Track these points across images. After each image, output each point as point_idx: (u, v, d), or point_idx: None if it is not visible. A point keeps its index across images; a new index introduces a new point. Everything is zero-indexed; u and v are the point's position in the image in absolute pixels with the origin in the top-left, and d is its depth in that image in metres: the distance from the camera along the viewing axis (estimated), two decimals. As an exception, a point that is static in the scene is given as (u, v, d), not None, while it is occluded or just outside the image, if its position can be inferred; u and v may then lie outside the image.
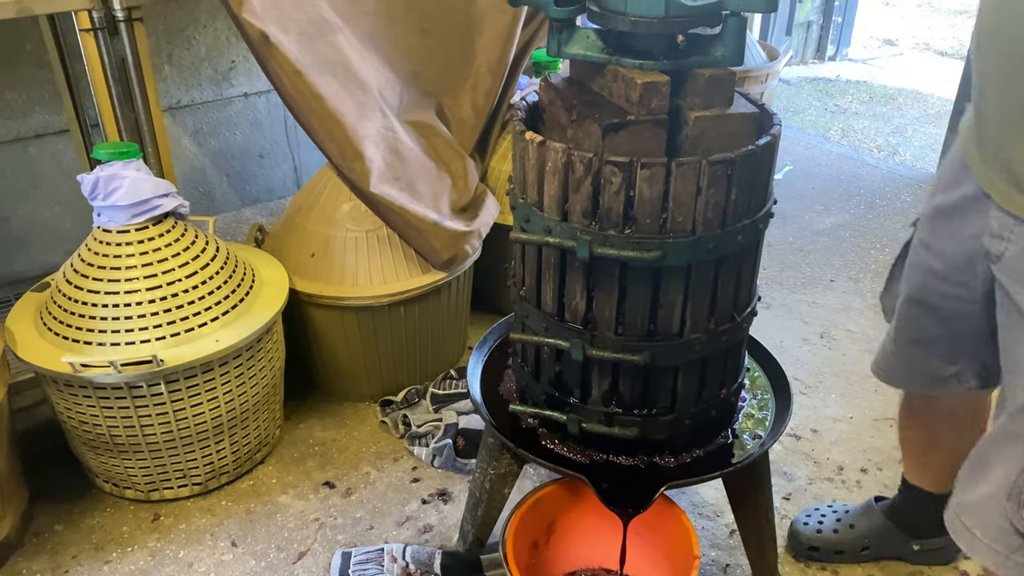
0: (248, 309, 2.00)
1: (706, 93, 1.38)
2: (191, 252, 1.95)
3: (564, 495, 1.69)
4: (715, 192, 1.33)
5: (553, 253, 1.43)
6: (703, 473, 1.54)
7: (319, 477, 2.14)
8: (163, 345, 1.84)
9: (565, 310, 1.47)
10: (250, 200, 3.36)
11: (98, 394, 1.83)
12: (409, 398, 2.37)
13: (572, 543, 1.74)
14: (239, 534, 1.96)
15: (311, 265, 2.22)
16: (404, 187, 2.21)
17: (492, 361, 1.83)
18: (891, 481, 2.13)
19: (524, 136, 1.40)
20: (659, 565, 1.68)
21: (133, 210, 1.87)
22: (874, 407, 2.42)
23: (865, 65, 6.30)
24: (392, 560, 1.85)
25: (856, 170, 4.12)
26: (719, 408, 1.59)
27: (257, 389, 2.04)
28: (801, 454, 2.23)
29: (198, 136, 3.11)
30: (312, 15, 2.11)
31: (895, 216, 3.64)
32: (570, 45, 1.44)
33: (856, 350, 2.70)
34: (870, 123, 4.87)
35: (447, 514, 2.02)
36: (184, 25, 2.93)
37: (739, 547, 1.91)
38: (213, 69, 3.06)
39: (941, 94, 5.43)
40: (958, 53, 6.60)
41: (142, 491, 2.02)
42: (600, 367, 1.48)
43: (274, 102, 3.27)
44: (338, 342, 2.28)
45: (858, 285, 3.09)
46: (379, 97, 2.23)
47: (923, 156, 4.35)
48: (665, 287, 1.39)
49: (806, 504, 2.05)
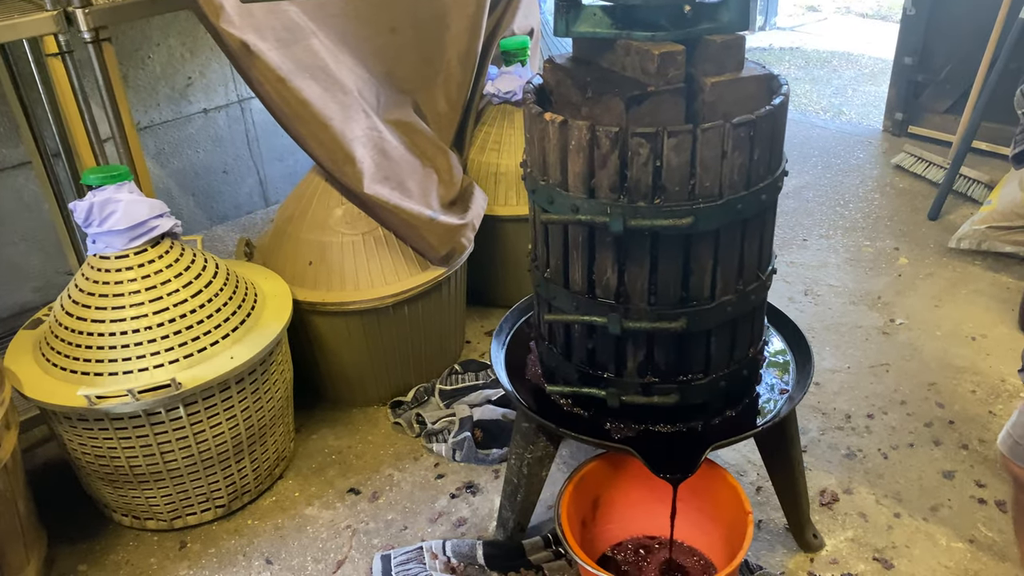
0: (256, 323, 1.97)
1: (718, 59, 1.41)
2: (192, 271, 1.91)
3: (605, 471, 1.71)
4: (739, 154, 1.36)
5: (581, 231, 1.45)
6: (742, 431, 1.58)
7: (342, 485, 2.12)
8: (178, 368, 1.80)
9: (596, 286, 1.49)
10: (218, 218, 3.29)
11: (115, 425, 1.78)
12: (419, 397, 2.36)
13: (616, 516, 1.77)
14: (272, 551, 1.93)
15: (310, 274, 2.19)
16: (395, 186, 2.20)
17: (510, 349, 1.84)
18: (897, 423, 2.21)
19: (543, 117, 1.41)
20: (706, 528, 1.72)
21: (131, 234, 1.82)
22: (867, 355, 2.50)
23: (794, 32, 6.46)
24: (433, 557, 1.85)
25: (807, 132, 4.24)
26: (749, 367, 1.63)
27: (272, 403, 2.01)
28: (809, 407, 2.29)
29: (160, 157, 3.04)
30: (285, 21, 2.08)
31: (852, 173, 3.75)
32: (578, 24, 1.45)
33: (840, 303, 2.79)
34: (811, 87, 5.00)
35: (478, 505, 2.03)
36: (137, 45, 2.85)
37: (768, 503, 1.97)
38: (170, 87, 2.99)
39: (871, 54, 5.61)
40: (878, 14, 6.82)
41: (165, 520, 1.98)
42: (635, 339, 1.51)
43: (234, 116, 3.21)
44: (343, 348, 2.26)
45: (830, 242, 3.18)
46: (360, 98, 2.21)
47: (867, 113, 4.49)
48: (696, 252, 1.42)
49: (824, 454, 2.12)
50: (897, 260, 3.03)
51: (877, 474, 2.05)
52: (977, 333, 2.57)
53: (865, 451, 2.13)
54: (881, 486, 2.02)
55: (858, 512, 1.95)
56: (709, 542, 1.75)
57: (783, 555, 1.85)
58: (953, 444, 2.13)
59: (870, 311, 2.73)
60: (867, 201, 3.48)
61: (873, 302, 2.77)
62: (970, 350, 2.50)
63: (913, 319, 2.66)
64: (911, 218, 3.31)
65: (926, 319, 2.66)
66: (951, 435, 2.16)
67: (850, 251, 3.11)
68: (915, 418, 2.23)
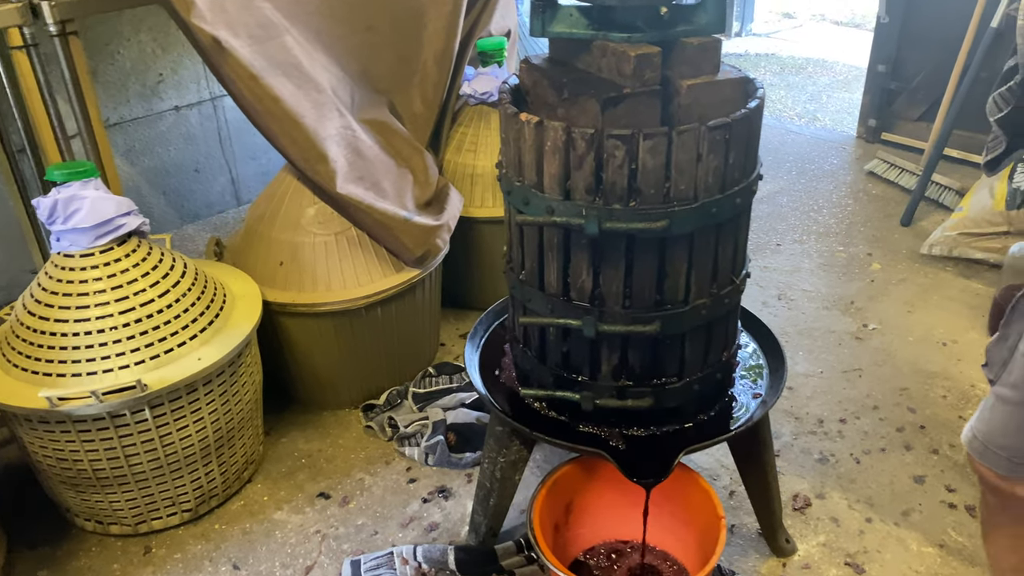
0: (225, 324, 1.94)
1: (694, 62, 1.40)
2: (160, 271, 1.87)
3: (578, 475, 1.70)
4: (714, 157, 1.35)
5: (556, 233, 1.43)
6: (716, 435, 1.57)
7: (312, 489, 2.09)
8: (144, 369, 1.77)
9: (571, 289, 1.47)
10: (190, 217, 3.24)
11: (78, 427, 1.74)
12: (391, 400, 2.33)
13: (589, 520, 1.75)
14: (240, 556, 1.90)
15: (280, 274, 2.16)
16: (369, 186, 2.17)
17: (484, 352, 1.83)
18: (870, 428, 2.22)
19: (518, 118, 1.39)
20: (679, 533, 1.71)
21: (96, 232, 1.78)
22: (840, 360, 2.51)
23: (769, 39, 6.52)
24: (404, 562, 1.82)
25: (782, 138, 4.26)
26: (722, 371, 1.63)
27: (241, 405, 1.97)
28: (781, 411, 2.30)
29: (131, 155, 2.98)
30: (259, 17, 2.05)
31: (826, 178, 3.78)
32: (554, 24, 1.44)
33: (813, 308, 2.80)
34: (786, 93, 5.04)
35: (450, 510, 2.00)
36: (107, 40, 2.80)
37: (741, 507, 1.96)
38: (141, 84, 2.94)
39: (845, 61, 5.67)
40: (852, 22, 6.90)
41: (129, 525, 1.93)
42: (609, 342, 1.49)
43: (206, 114, 3.17)
44: (315, 350, 2.23)
45: (804, 247, 3.20)
46: (334, 96, 2.19)
47: (841, 120, 4.53)
48: (671, 256, 1.41)
49: (796, 459, 2.12)
50: (870, 265, 3.05)
51: (849, 479, 2.06)
52: (948, 339, 2.59)
53: (838, 456, 2.13)
54: (853, 491, 2.02)
55: (830, 517, 1.95)
56: (682, 547, 1.74)
57: (756, 560, 1.84)
58: (924, 449, 2.14)
59: (843, 316, 2.74)
60: (841, 207, 3.51)
61: (846, 307, 2.79)
62: (941, 355, 2.52)
63: (886, 324, 2.68)
64: (884, 224, 3.34)
65: (898, 324, 2.68)
66: (922, 440, 2.18)
67: (823, 256, 3.12)
68: (887, 423, 2.24)
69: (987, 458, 1.29)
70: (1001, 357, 1.27)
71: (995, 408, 1.27)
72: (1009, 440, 1.25)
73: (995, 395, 1.27)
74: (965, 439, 1.34)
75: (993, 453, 1.27)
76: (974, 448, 1.31)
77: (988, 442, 1.28)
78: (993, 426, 1.27)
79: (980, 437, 1.29)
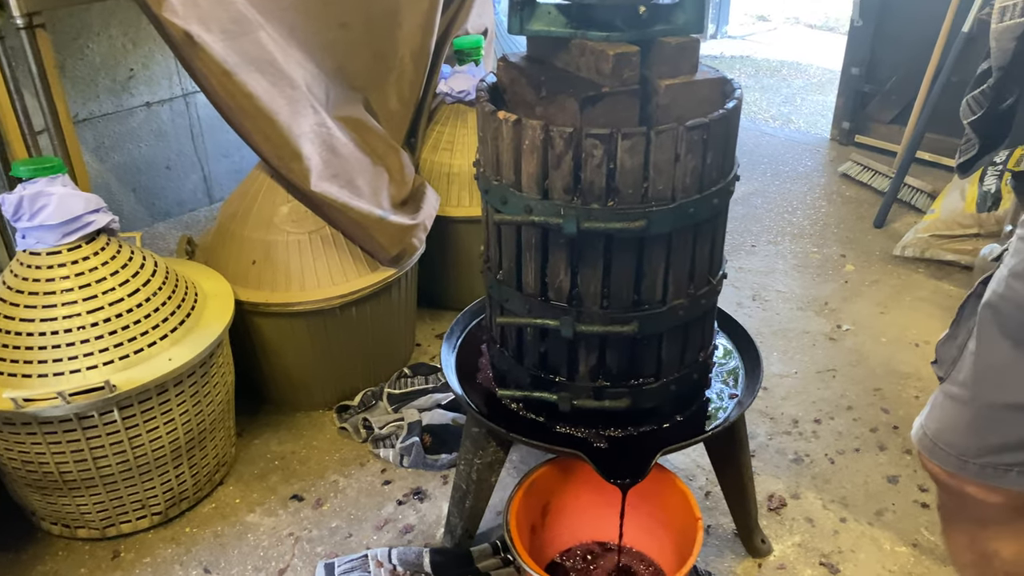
0: (196, 324, 1.90)
1: (673, 61, 1.40)
2: (130, 269, 1.83)
3: (555, 476, 1.69)
4: (692, 158, 1.35)
5: (534, 232, 1.42)
6: (692, 436, 1.57)
7: (285, 491, 2.06)
8: (113, 369, 1.73)
9: (549, 289, 1.46)
10: (161, 215, 3.19)
11: (44, 429, 1.70)
12: (366, 401, 2.31)
13: (566, 522, 1.74)
14: (211, 560, 1.87)
15: (253, 273, 2.13)
16: (344, 184, 2.15)
17: (461, 352, 1.81)
18: (844, 429, 2.23)
19: (496, 116, 1.38)
20: (656, 534, 1.70)
21: (64, 229, 1.74)
22: (815, 361, 2.53)
23: (744, 41, 6.56)
24: (378, 565, 1.80)
25: (757, 140, 4.29)
26: (699, 371, 1.62)
27: (213, 407, 1.94)
28: (756, 412, 2.30)
29: (100, 151, 2.93)
30: (232, 12, 2.01)
31: (800, 180, 3.80)
32: (532, 22, 1.43)
33: (787, 308, 2.81)
34: (761, 95, 5.07)
35: (425, 512, 1.99)
36: (76, 33, 2.74)
37: (717, 508, 1.97)
38: (111, 79, 2.88)
39: (819, 64, 5.72)
40: (826, 25, 6.96)
41: (97, 528, 1.89)
42: (587, 342, 1.49)
43: (178, 110, 3.12)
44: (288, 350, 2.20)
45: (778, 248, 3.21)
46: (308, 93, 2.16)
47: (815, 122, 4.57)
48: (648, 256, 1.41)
49: (772, 459, 2.13)
50: (844, 267, 3.07)
51: (824, 479, 2.07)
52: (921, 339, 2.62)
53: (812, 456, 2.14)
54: (828, 491, 2.03)
55: (805, 517, 1.96)
56: (659, 548, 1.74)
57: (731, 560, 1.84)
58: (897, 449, 2.16)
59: (817, 317, 2.76)
60: (815, 208, 3.53)
61: (820, 308, 2.81)
62: (914, 356, 2.54)
63: (859, 325, 2.70)
64: (857, 226, 3.37)
65: (872, 325, 2.70)
66: (896, 440, 2.19)
67: (798, 257, 3.14)
68: (861, 423, 2.26)
69: (936, 455, 1.28)
70: (951, 355, 1.28)
71: (944, 406, 1.27)
72: (957, 438, 1.25)
73: (944, 393, 1.27)
74: (915, 436, 1.33)
75: (942, 451, 1.26)
76: (924, 445, 1.31)
77: (937, 439, 1.27)
78: (942, 424, 1.27)
79: (930, 434, 1.29)
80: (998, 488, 1.23)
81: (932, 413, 1.30)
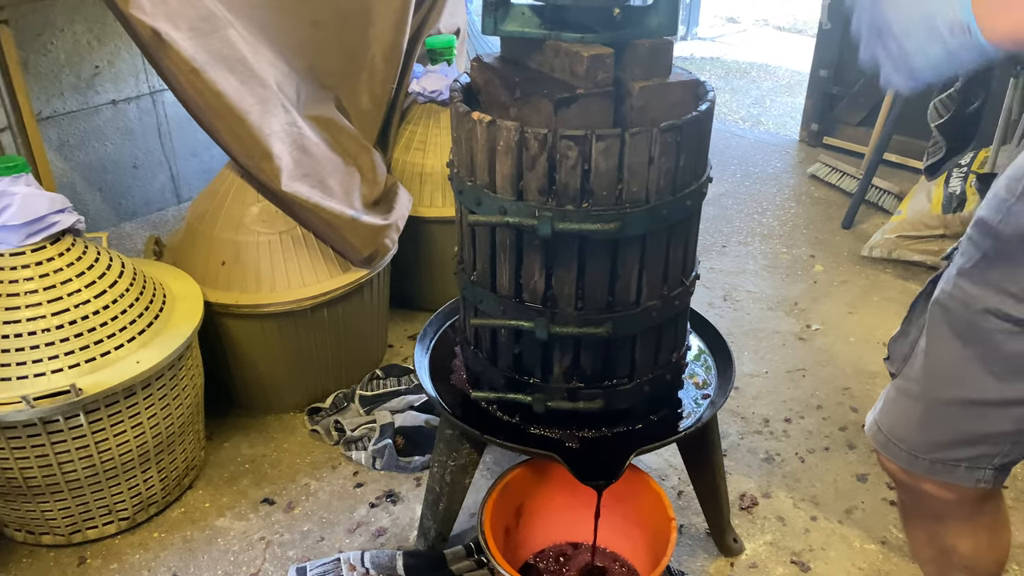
0: (165, 326, 1.87)
1: (647, 63, 1.40)
2: (96, 270, 1.80)
3: (529, 477, 1.68)
4: (666, 160, 1.35)
5: (509, 234, 1.42)
6: (666, 436, 1.57)
7: (256, 495, 2.03)
8: (79, 372, 1.70)
9: (523, 290, 1.46)
10: (127, 215, 3.14)
11: (7, 434, 1.66)
12: (337, 403, 2.29)
13: (540, 523, 1.74)
14: (180, 565, 1.84)
15: (223, 274, 2.10)
16: (315, 184, 2.13)
17: (434, 353, 1.80)
18: (814, 428, 2.26)
19: (470, 117, 1.37)
20: (630, 534, 1.71)
21: (28, 229, 1.70)
22: (785, 360, 2.55)
23: (714, 43, 6.61)
24: (351, 568, 1.79)
25: (727, 141, 4.32)
26: (672, 372, 1.63)
27: (182, 410, 1.91)
28: (728, 411, 2.32)
29: (64, 149, 2.87)
30: (201, 10, 1.98)
31: (770, 181, 3.84)
32: (506, 23, 1.42)
33: (758, 309, 2.84)
34: (731, 96, 5.11)
35: (398, 515, 1.97)
36: (39, 29, 2.69)
37: (689, 507, 1.98)
38: (75, 76, 2.83)
39: (788, 66, 5.78)
40: (795, 28, 7.04)
41: (62, 535, 1.86)
42: (561, 344, 1.48)
43: (145, 108, 3.07)
44: (258, 352, 2.17)
45: (749, 248, 3.24)
46: (279, 92, 2.13)
47: (784, 124, 4.62)
48: (623, 257, 1.41)
49: (743, 458, 2.14)
50: (813, 267, 3.10)
51: (795, 478, 2.09)
52: (888, 339, 2.64)
53: (783, 455, 2.16)
54: (798, 490, 2.05)
55: (776, 516, 1.98)
56: (632, 548, 1.74)
57: (704, 560, 1.86)
58: (866, 447, 2.19)
59: (787, 317, 2.79)
60: (784, 209, 3.57)
61: (790, 308, 2.84)
62: (882, 355, 2.55)
63: (828, 325, 2.73)
64: (826, 226, 3.41)
65: (840, 325, 2.73)
66: (864, 439, 2.22)
67: (768, 258, 3.17)
68: (830, 422, 2.28)
69: (889, 451, 1.31)
70: (902, 352, 1.31)
71: (896, 401, 1.30)
72: (909, 434, 1.27)
73: (896, 388, 1.30)
74: (869, 431, 1.36)
75: (895, 446, 1.29)
76: (878, 441, 1.33)
77: (891, 435, 1.30)
78: (894, 419, 1.30)
79: (884, 430, 1.31)
80: (950, 484, 1.25)
81: (885, 408, 1.32)
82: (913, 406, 1.26)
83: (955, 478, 1.24)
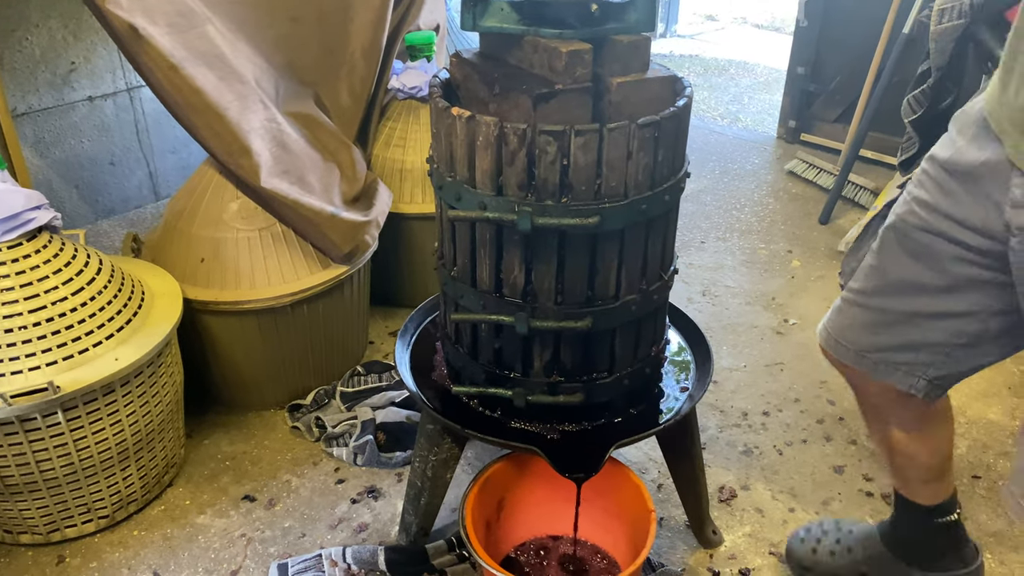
0: (143, 323, 1.86)
1: (624, 59, 1.41)
2: (73, 267, 1.79)
3: (510, 471, 1.69)
4: (644, 155, 1.36)
5: (489, 229, 1.42)
6: (645, 429, 1.59)
7: (236, 492, 2.03)
8: (56, 370, 1.68)
9: (503, 285, 1.47)
10: (104, 212, 3.11)
11: (-16, 433, 1.65)
12: (318, 399, 2.29)
13: (521, 517, 1.75)
14: (160, 563, 1.83)
15: (202, 271, 2.09)
16: (295, 180, 2.12)
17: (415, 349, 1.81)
18: (792, 420, 2.28)
19: (450, 112, 1.38)
20: (610, 527, 1.72)
21: (3, 226, 1.69)
22: (763, 354, 2.58)
23: (693, 40, 6.64)
24: (332, 564, 1.79)
25: (705, 138, 4.35)
26: (652, 366, 1.65)
27: (161, 407, 1.90)
28: (706, 405, 2.34)
29: (40, 146, 2.85)
30: (178, 5, 1.97)
31: (748, 178, 3.87)
32: (485, 18, 1.43)
33: (736, 303, 2.86)
34: (709, 94, 5.14)
35: (380, 510, 1.98)
36: (14, 25, 2.66)
37: (669, 500, 1.99)
38: (51, 72, 2.80)
39: (766, 63, 5.82)
40: (772, 25, 7.09)
41: (40, 533, 1.84)
42: (541, 338, 1.49)
43: (122, 105, 3.04)
44: (238, 349, 2.16)
45: (727, 244, 3.27)
46: (258, 88, 2.13)
47: (761, 121, 4.65)
48: (602, 252, 1.42)
49: (722, 451, 2.17)
50: (790, 263, 3.13)
51: (773, 470, 2.11)
52: (864, 333, 2.68)
53: (761, 448, 2.19)
54: (777, 482, 2.08)
55: (755, 508, 2.00)
56: (613, 540, 1.76)
57: (684, 552, 1.87)
58: (843, 440, 2.22)
59: (765, 311, 2.81)
60: (762, 205, 3.60)
61: (768, 303, 2.86)
62: (858, 349, 2.60)
63: (805, 319, 2.76)
64: (803, 222, 3.44)
65: (817, 319, 2.73)
66: (841, 431, 2.25)
67: (746, 253, 3.20)
68: (808, 415, 2.31)
69: (838, 351, 1.50)
70: (851, 267, 1.53)
71: (843, 309, 1.48)
72: (856, 336, 1.45)
73: (844, 299, 1.47)
74: (820, 336, 1.55)
75: (843, 346, 1.48)
76: (828, 343, 1.52)
77: (840, 337, 1.48)
78: (841, 324, 1.48)
79: (833, 333, 1.50)
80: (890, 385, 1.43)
81: (833, 317, 1.51)
82: (860, 312, 1.44)
83: (895, 380, 1.42)
